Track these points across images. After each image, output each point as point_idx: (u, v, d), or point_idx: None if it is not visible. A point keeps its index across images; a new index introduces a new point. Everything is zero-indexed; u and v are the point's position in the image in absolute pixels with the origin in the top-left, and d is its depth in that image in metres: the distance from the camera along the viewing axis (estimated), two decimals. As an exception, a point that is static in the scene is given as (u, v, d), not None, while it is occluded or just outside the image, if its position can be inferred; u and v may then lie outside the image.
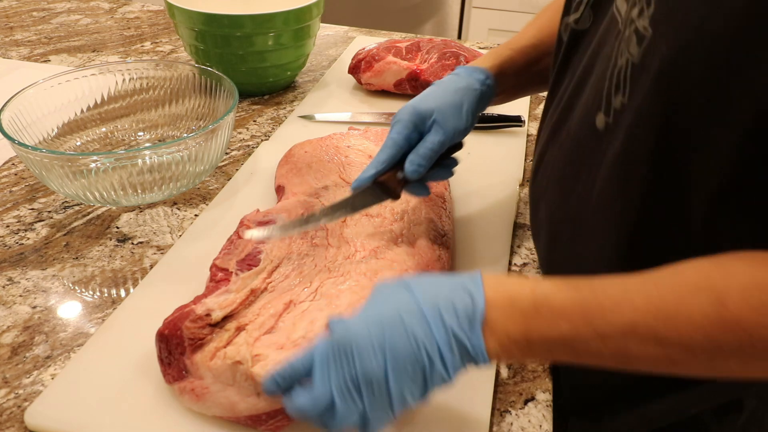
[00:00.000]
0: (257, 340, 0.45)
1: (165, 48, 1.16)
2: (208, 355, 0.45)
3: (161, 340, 0.47)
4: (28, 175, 0.77)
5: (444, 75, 0.93)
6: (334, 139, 0.76)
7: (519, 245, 0.68)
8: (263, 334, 0.46)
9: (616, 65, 0.42)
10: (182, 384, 0.46)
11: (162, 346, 0.47)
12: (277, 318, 0.47)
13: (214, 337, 0.46)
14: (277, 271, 0.53)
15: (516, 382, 0.52)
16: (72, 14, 1.31)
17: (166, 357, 0.47)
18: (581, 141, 0.49)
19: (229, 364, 0.44)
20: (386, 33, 1.25)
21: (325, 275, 0.52)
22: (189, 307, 0.48)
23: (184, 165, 0.67)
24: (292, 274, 0.53)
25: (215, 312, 0.47)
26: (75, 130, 0.78)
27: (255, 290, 0.50)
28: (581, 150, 0.49)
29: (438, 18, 2.20)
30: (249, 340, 0.45)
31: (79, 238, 0.67)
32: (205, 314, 0.46)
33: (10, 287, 0.60)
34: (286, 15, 0.89)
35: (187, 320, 0.46)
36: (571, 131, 0.51)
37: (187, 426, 0.46)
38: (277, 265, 0.54)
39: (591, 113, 0.46)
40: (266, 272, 0.52)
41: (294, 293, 0.50)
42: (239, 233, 0.58)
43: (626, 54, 0.40)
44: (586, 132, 0.47)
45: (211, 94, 0.79)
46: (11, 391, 0.50)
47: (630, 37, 0.40)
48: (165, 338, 0.47)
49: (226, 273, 0.53)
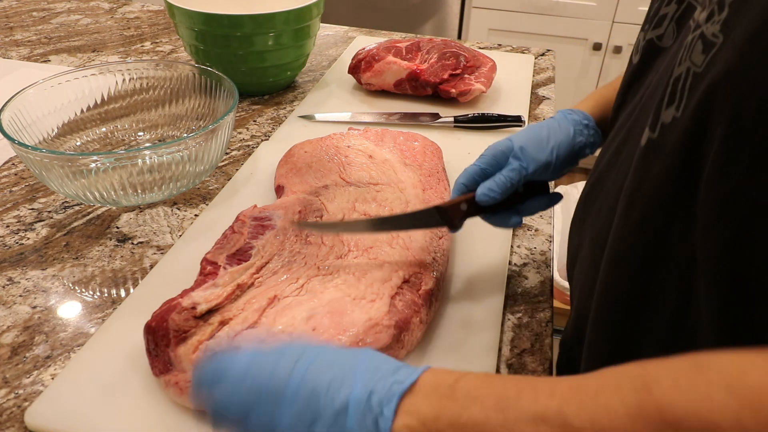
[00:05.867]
0: (239, 335, 0.46)
1: (165, 48, 1.16)
2: (190, 348, 0.46)
3: (149, 332, 0.48)
4: (28, 175, 0.77)
5: (444, 75, 0.93)
6: (334, 139, 0.76)
7: (519, 245, 0.68)
8: (246, 329, 0.46)
9: (673, 75, 0.36)
10: (167, 377, 0.47)
11: (149, 338, 0.48)
12: (260, 313, 0.48)
13: (197, 331, 0.47)
14: (266, 267, 0.53)
15: (516, 382, 0.52)
16: (72, 14, 1.31)
17: (153, 349, 0.48)
18: (622, 163, 0.44)
19: (205, 351, 0.45)
20: (386, 33, 1.25)
21: (313, 272, 0.53)
22: (176, 300, 0.48)
23: (184, 165, 0.67)
24: (281, 271, 0.53)
25: (201, 305, 0.47)
26: (75, 130, 0.78)
27: (242, 285, 0.51)
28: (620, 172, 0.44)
29: (438, 18, 2.20)
30: (231, 334, 0.46)
31: (79, 238, 0.67)
32: (190, 307, 0.47)
33: (10, 287, 0.60)
34: (286, 15, 0.89)
35: (173, 313, 0.47)
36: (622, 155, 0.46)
37: (187, 426, 0.46)
38: (267, 262, 0.54)
39: (640, 131, 0.41)
40: (254, 268, 0.53)
41: (279, 288, 0.51)
42: (234, 228, 0.58)
43: (687, 62, 0.35)
44: (630, 150, 0.42)
45: (211, 94, 0.79)
46: (11, 391, 0.50)
47: (694, 44, 0.34)
48: (152, 330, 0.47)
49: (215, 267, 0.53)
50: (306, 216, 0.60)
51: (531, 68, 1.10)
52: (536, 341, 0.56)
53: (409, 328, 0.50)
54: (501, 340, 0.56)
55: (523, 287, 0.62)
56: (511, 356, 0.54)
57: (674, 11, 0.44)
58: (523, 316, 0.59)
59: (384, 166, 0.70)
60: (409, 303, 0.52)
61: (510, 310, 0.59)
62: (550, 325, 0.58)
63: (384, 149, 0.74)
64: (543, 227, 0.71)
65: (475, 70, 0.95)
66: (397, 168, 0.70)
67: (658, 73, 0.44)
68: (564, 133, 0.57)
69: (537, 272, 0.64)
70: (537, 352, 0.55)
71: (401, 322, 0.50)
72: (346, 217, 0.60)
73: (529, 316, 0.59)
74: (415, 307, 0.52)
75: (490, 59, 0.98)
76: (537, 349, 0.55)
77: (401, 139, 0.77)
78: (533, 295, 0.61)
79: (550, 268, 0.65)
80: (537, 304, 0.60)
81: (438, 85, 0.94)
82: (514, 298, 0.61)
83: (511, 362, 0.54)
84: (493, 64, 0.97)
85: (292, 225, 0.58)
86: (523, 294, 0.61)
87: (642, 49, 0.47)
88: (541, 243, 0.69)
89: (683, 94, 0.35)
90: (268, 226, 0.58)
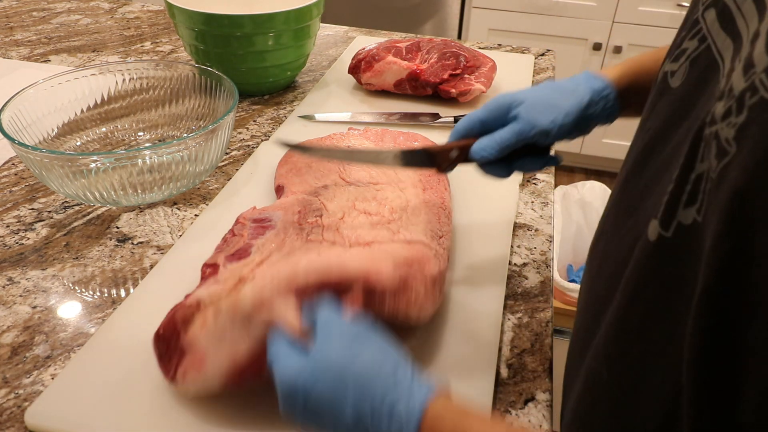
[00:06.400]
0: None
1: (165, 48, 1.16)
2: (198, 324, 0.46)
3: (158, 339, 0.47)
4: (28, 175, 0.77)
5: (444, 75, 0.93)
6: (334, 139, 0.76)
7: (519, 245, 0.68)
8: None
9: (693, 169, 0.32)
10: (181, 368, 0.46)
11: (160, 344, 0.47)
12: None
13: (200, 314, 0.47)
14: (267, 262, 0.53)
15: (516, 382, 0.52)
16: (72, 14, 1.31)
17: (165, 353, 0.47)
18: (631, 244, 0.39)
19: (215, 316, 0.45)
20: (386, 33, 1.25)
21: None
22: (179, 303, 0.48)
23: (184, 165, 0.67)
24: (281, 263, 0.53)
25: (204, 301, 0.47)
26: (75, 130, 0.78)
27: (243, 278, 0.50)
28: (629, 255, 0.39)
29: (438, 18, 2.20)
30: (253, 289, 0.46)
31: (79, 238, 0.67)
32: (195, 304, 0.47)
33: (10, 287, 0.60)
34: (286, 15, 0.89)
35: (178, 311, 0.47)
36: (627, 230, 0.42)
37: (187, 426, 0.46)
38: (268, 256, 0.54)
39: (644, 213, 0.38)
40: (255, 263, 0.53)
41: None
42: (234, 231, 0.58)
43: (707, 162, 0.30)
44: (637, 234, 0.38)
45: (211, 94, 0.79)
46: (11, 391, 0.50)
47: (711, 142, 0.29)
48: (161, 337, 0.47)
49: (214, 268, 0.53)
50: (305, 216, 0.60)
51: (531, 68, 1.10)
52: (536, 341, 0.56)
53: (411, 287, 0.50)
54: (501, 340, 0.56)
55: (523, 287, 0.62)
56: (511, 356, 0.54)
57: (693, 49, 0.40)
58: (523, 316, 0.59)
59: (384, 166, 0.70)
60: (413, 274, 0.51)
61: (510, 310, 0.59)
62: (550, 325, 0.58)
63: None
64: (543, 227, 0.71)
65: (475, 70, 0.95)
66: (397, 168, 0.70)
67: (660, 120, 0.41)
68: (577, 100, 0.53)
69: (537, 272, 0.64)
70: (537, 352, 0.55)
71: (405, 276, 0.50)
72: (346, 216, 0.60)
73: (529, 316, 0.59)
74: (420, 279, 0.51)
75: (490, 59, 0.98)
76: (537, 349, 0.55)
77: (401, 139, 0.77)
78: (533, 295, 0.61)
79: (550, 268, 0.65)
80: (537, 304, 0.60)
81: (438, 85, 0.94)
82: (514, 298, 0.61)
83: (511, 362, 0.54)
84: (493, 64, 0.97)
85: (277, 143, 0.58)
86: (523, 294, 0.61)
87: (658, 81, 0.44)
88: (541, 243, 0.69)
89: (704, 197, 0.31)
90: (268, 227, 0.58)
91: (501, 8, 2.17)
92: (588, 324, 0.45)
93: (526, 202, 0.75)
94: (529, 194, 0.77)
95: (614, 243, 0.44)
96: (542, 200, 0.76)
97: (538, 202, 0.75)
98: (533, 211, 0.74)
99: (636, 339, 0.37)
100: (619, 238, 0.43)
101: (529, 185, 0.79)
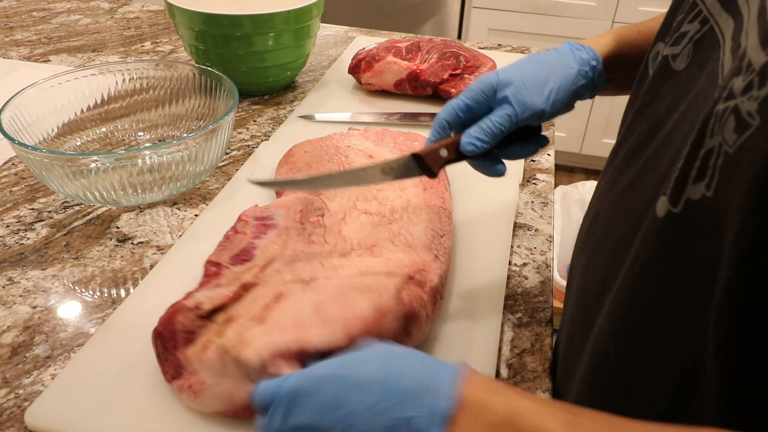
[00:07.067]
0: (247, 330, 0.46)
1: (165, 48, 1.16)
2: (200, 348, 0.46)
3: (157, 337, 0.47)
4: (28, 175, 0.77)
5: (444, 75, 0.94)
6: (334, 139, 0.76)
7: (519, 245, 0.68)
8: (253, 325, 0.46)
9: (702, 145, 0.32)
10: (180, 382, 0.46)
11: (158, 343, 0.48)
12: (267, 310, 0.48)
13: (204, 331, 0.47)
14: (270, 267, 0.53)
15: (516, 381, 0.52)
16: (72, 14, 1.31)
17: (162, 354, 0.47)
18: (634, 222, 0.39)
19: (219, 354, 0.45)
20: (386, 33, 1.25)
21: (317, 270, 0.53)
22: (180, 303, 0.48)
23: (184, 165, 0.67)
24: (285, 270, 0.53)
25: (204, 304, 0.47)
26: (75, 130, 0.78)
27: (246, 284, 0.50)
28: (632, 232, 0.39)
29: (438, 18, 2.20)
30: (239, 330, 0.46)
31: (79, 238, 0.67)
32: (194, 306, 0.47)
33: (10, 287, 0.60)
34: (286, 15, 0.89)
35: (178, 314, 0.47)
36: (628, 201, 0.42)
37: (187, 425, 0.46)
38: (271, 261, 0.54)
39: (650, 190, 0.38)
40: (258, 268, 0.53)
41: (285, 287, 0.50)
42: (236, 228, 0.58)
43: (719, 136, 0.30)
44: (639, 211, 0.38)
45: (211, 94, 0.79)
46: (11, 391, 0.50)
47: (727, 117, 0.30)
48: (160, 335, 0.47)
49: (218, 267, 0.53)
50: (307, 215, 0.60)
51: (531, 68, 1.10)
52: (536, 341, 0.56)
53: (416, 319, 0.50)
54: (501, 340, 0.56)
55: (523, 287, 0.62)
56: (511, 356, 0.54)
57: (695, 32, 0.40)
58: (523, 316, 0.59)
59: (384, 166, 0.70)
60: (415, 297, 0.51)
61: (510, 310, 0.59)
62: (550, 325, 0.58)
63: (384, 149, 0.74)
64: (543, 227, 0.71)
65: (475, 70, 0.95)
66: (397, 168, 0.70)
67: (666, 103, 0.40)
68: (565, 73, 0.51)
69: (537, 272, 0.64)
70: (537, 352, 0.55)
71: (409, 312, 0.50)
72: (347, 216, 0.60)
73: (529, 316, 0.59)
74: (421, 302, 0.52)
75: (490, 59, 0.98)
76: (537, 349, 0.55)
77: (401, 139, 0.77)
78: (533, 295, 0.61)
79: (550, 268, 0.65)
80: (537, 304, 0.60)
81: (438, 85, 0.94)
82: (514, 298, 0.61)
83: (511, 362, 0.54)
84: (493, 64, 0.97)
85: (249, 181, 0.55)
86: (523, 294, 0.61)
87: (658, 65, 0.43)
88: (541, 243, 0.69)
89: (713, 173, 0.31)
90: (270, 225, 0.58)
91: (501, 8, 2.17)
92: (588, 305, 0.44)
93: (526, 202, 0.75)
94: (529, 194, 0.77)
95: (613, 223, 0.43)
96: (542, 200, 0.76)
97: (538, 202, 0.75)
98: (533, 211, 0.74)
99: (645, 314, 0.36)
100: (618, 217, 0.43)
101: (529, 185, 0.79)
